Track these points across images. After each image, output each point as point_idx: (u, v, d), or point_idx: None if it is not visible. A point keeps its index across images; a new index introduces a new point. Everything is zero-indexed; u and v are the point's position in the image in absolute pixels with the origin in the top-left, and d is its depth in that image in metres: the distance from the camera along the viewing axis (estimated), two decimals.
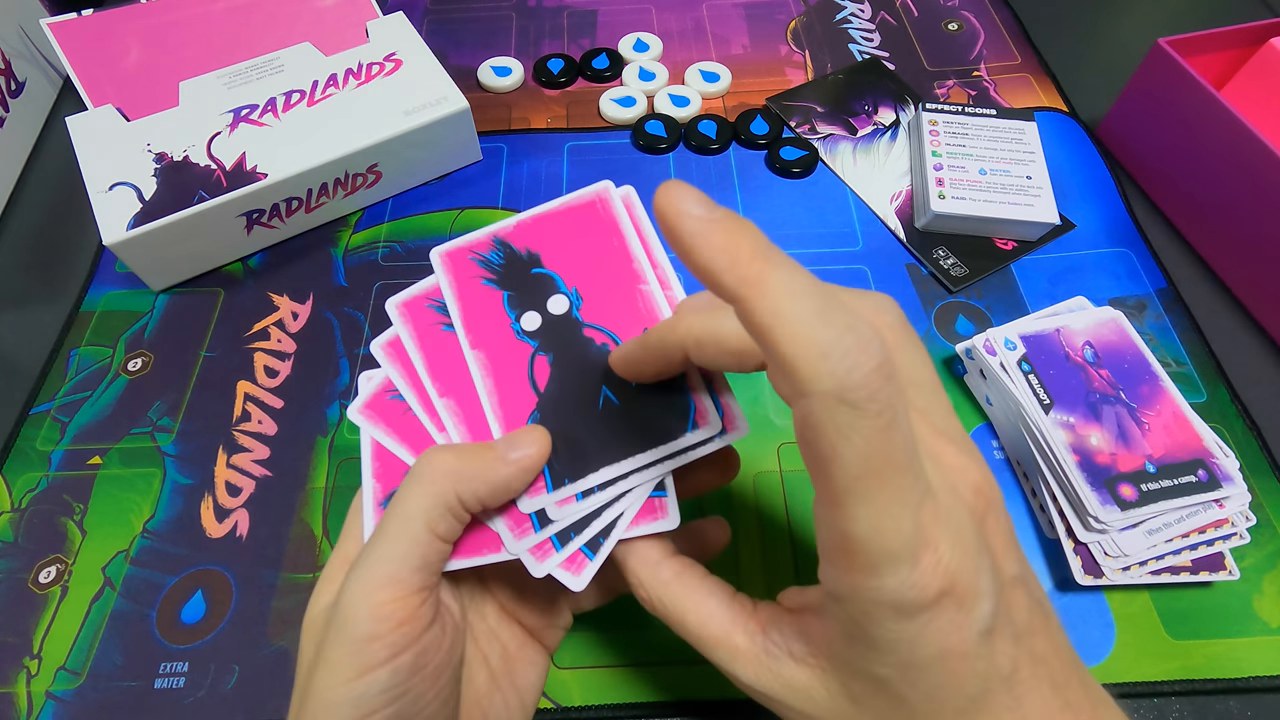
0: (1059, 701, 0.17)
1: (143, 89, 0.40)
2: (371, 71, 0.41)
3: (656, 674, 0.28)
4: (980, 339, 0.32)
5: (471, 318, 0.23)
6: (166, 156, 0.38)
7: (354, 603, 0.18)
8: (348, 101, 0.40)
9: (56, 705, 0.28)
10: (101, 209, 0.35)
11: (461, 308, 0.23)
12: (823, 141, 0.45)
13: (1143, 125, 0.42)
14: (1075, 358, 0.31)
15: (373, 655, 0.18)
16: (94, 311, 0.38)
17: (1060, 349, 0.31)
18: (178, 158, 0.38)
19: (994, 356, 0.31)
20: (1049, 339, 0.32)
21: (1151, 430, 0.29)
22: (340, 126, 0.39)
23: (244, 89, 0.40)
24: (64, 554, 0.31)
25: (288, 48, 0.42)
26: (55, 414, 0.35)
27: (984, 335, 0.32)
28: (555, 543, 0.21)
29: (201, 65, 0.41)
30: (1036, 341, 0.31)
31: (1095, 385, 0.30)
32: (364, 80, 0.41)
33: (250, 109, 0.40)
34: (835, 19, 0.53)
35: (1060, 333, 0.32)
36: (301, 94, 0.40)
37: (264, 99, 0.40)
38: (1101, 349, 0.31)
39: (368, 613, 0.18)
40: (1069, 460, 0.28)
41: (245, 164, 0.37)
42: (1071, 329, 0.32)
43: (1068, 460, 0.28)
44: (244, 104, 0.40)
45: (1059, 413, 0.30)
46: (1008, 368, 0.31)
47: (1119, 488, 0.28)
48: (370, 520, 0.22)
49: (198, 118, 0.39)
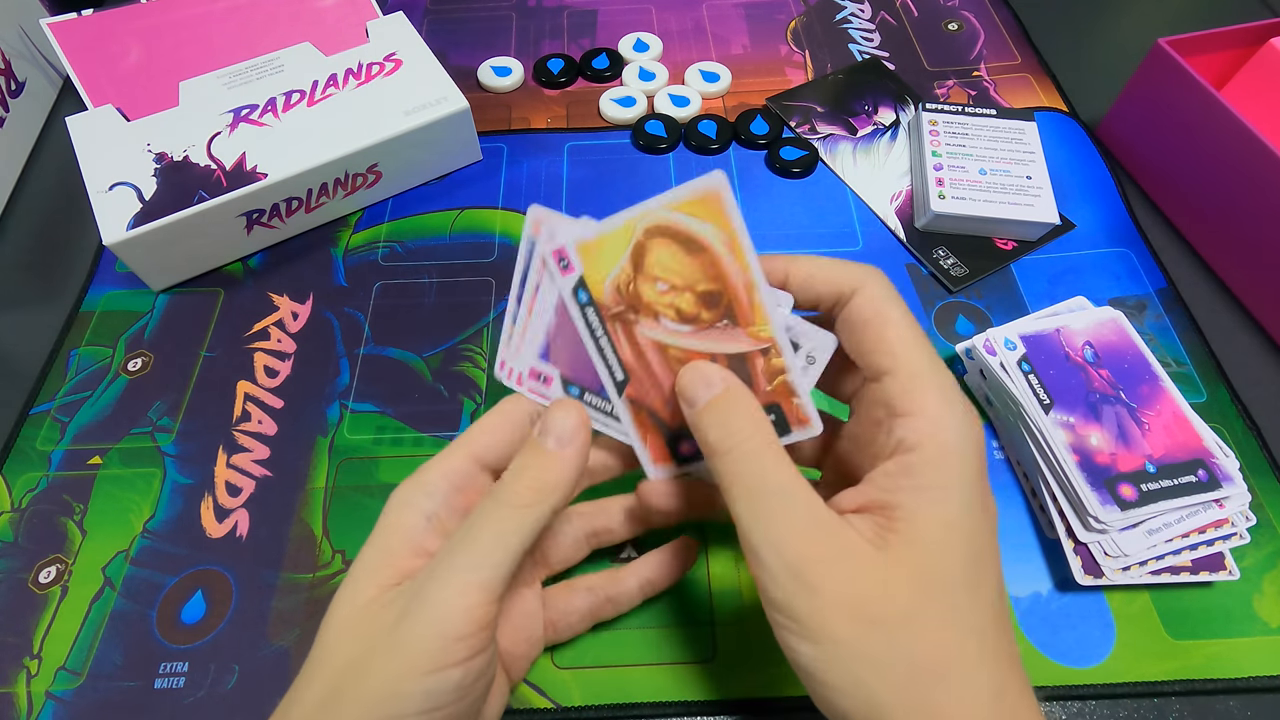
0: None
1: (143, 89, 0.40)
2: (371, 71, 0.41)
3: (656, 674, 0.28)
4: (980, 339, 0.32)
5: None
6: (166, 156, 0.38)
7: (448, 601, 0.19)
8: (348, 101, 0.40)
9: (56, 705, 0.28)
10: (101, 209, 0.35)
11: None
12: (823, 141, 0.45)
13: (1143, 125, 0.42)
14: (1075, 358, 0.31)
15: (455, 653, 0.19)
16: (94, 311, 0.38)
17: (1060, 349, 0.31)
18: (178, 158, 0.38)
19: (994, 356, 0.31)
20: (1049, 339, 0.32)
21: (1151, 430, 0.29)
22: (340, 126, 0.39)
23: (244, 89, 0.40)
24: (64, 554, 0.31)
25: (288, 48, 0.42)
26: (55, 414, 0.35)
27: (984, 335, 0.32)
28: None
29: (201, 65, 0.41)
30: (1036, 341, 0.31)
31: (1095, 385, 0.30)
32: (364, 80, 0.41)
33: (250, 109, 0.40)
34: (835, 19, 0.53)
35: (1060, 333, 0.32)
36: (301, 94, 0.40)
37: (264, 99, 0.40)
38: (1101, 349, 0.31)
39: (461, 613, 0.19)
40: (1069, 460, 0.28)
41: (245, 164, 0.37)
42: (1071, 329, 0.32)
43: (1068, 460, 0.28)
44: (244, 104, 0.40)
45: (1059, 413, 0.30)
46: (1008, 368, 0.31)
47: (1119, 488, 0.28)
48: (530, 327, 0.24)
49: (198, 118, 0.39)
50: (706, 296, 0.23)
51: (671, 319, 0.23)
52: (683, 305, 0.23)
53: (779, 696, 0.27)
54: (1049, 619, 0.29)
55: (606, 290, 0.23)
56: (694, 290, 0.23)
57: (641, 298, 0.23)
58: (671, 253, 0.22)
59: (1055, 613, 0.29)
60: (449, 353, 0.36)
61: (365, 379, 0.36)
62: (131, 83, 0.40)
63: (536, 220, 0.23)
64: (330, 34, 0.43)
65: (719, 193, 0.22)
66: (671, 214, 0.22)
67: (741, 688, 0.28)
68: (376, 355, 0.36)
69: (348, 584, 0.21)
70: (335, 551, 0.31)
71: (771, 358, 0.23)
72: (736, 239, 0.22)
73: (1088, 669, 0.28)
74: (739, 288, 0.22)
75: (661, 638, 0.29)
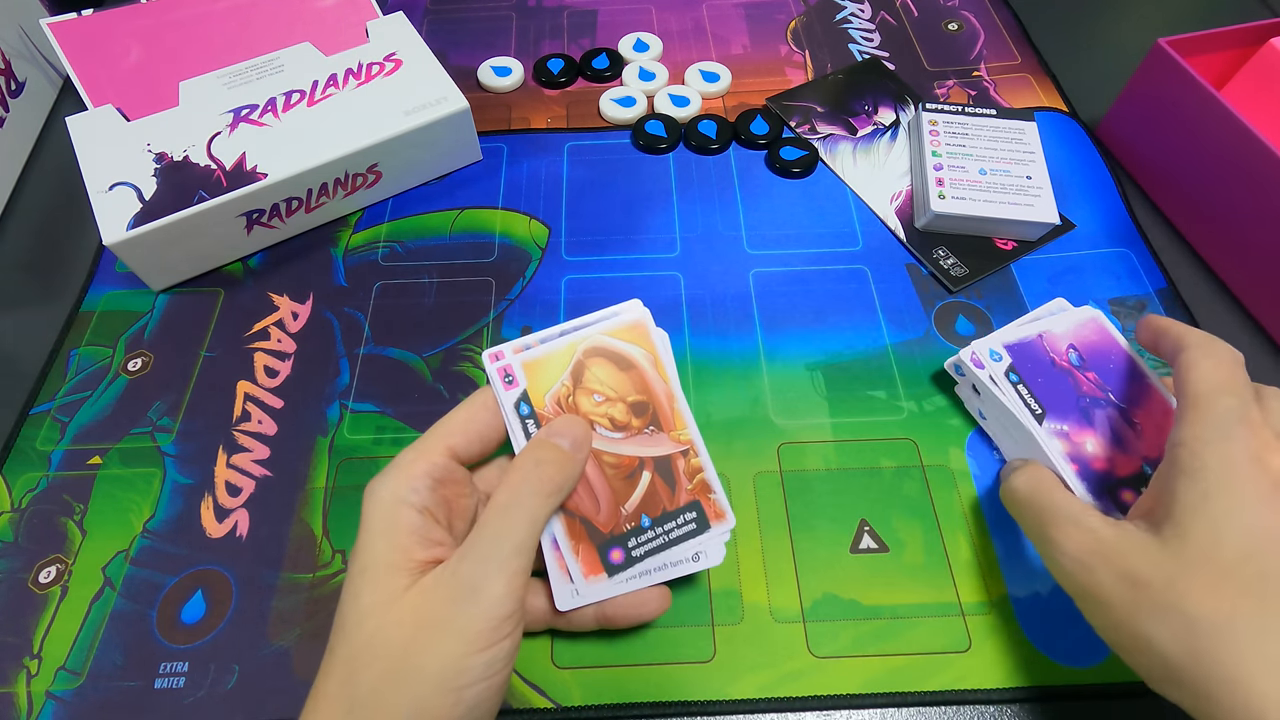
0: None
1: (143, 89, 0.40)
2: (371, 71, 0.41)
3: (656, 674, 0.28)
4: (967, 353, 0.31)
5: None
6: (166, 156, 0.38)
7: (500, 586, 0.22)
8: (348, 101, 0.40)
9: (56, 705, 0.28)
10: (101, 209, 0.35)
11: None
12: (823, 141, 0.45)
13: (1143, 125, 0.42)
14: (1061, 362, 0.31)
15: (505, 629, 0.22)
16: (94, 311, 0.38)
17: (1045, 355, 0.31)
18: (178, 158, 0.38)
19: (982, 370, 0.31)
20: (1033, 346, 0.31)
21: (1144, 431, 0.29)
22: (340, 126, 0.39)
23: (244, 89, 0.40)
24: (64, 554, 0.31)
25: (288, 48, 0.42)
26: (55, 414, 0.35)
27: (969, 349, 0.31)
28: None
29: (201, 65, 0.41)
30: (1021, 350, 0.31)
31: (1084, 389, 0.30)
32: (364, 80, 0.41)
33: (250, 109, 0.40)
34: (835, 19, 0.53)
35: (1043, 338, 0.31)
36: (301, 94, 0.40)
37: (264, 99, 0.40)
38: (1085, 350, 0.31)
39: (511, 594, 0.22)
40: (1068, 471, 0.28)
41: (245, 164, 0.37)
42: (1054, 333, 0.31)
43: (1067, 471, 0.28)
44: (244, 104, 0.40)
45: (1052, 421, 0.29)
46: (997, 380, 0.30)
47: (1120, 494, 0.28)
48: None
49: (198, 118, 0.39)
50: (636, 406, 0.27)
51: (606, 427, 0.26)
52: (616, 414, 0.27)
53: (779, 697, 0.27)
54: (1049, 619, 0.29)
55: (547, 404, 0.26)
56: (625, 401, 0.27)
57: (579, 408, 0.26)
58: (607, 370, 0.27)
59: (1055, 612, 0.29)
60: (449, 353, 0.36)
61: (365, 379, 0.36)
62: (131, 83, 0.40)
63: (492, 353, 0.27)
64: (330, 34, 0.43)
65: (643, 321, 0.27)
66: (606, 338, 0.27)
67: (741, 688, 0.28)
68: (376, 355, 0.36)
69: (362, 578, 0.22)
70: (335, 551, 0.31)
71: (690, 458, 0.27)
72: (658, 358, 0.27)
73: (1088, 669, 0.28)
74: (661, 397, 0.27)
75: (661, 638, 0.29)
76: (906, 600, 0.29)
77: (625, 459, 0.26)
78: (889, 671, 0.28)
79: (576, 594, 0.26)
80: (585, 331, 0.27)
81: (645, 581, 0.26)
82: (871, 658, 0.28)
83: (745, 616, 0.29)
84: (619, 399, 0.27)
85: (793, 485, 0.32)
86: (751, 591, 0.30)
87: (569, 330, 0.27)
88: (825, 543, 0.31)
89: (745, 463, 0.33)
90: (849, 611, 0.29)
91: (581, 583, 0.25)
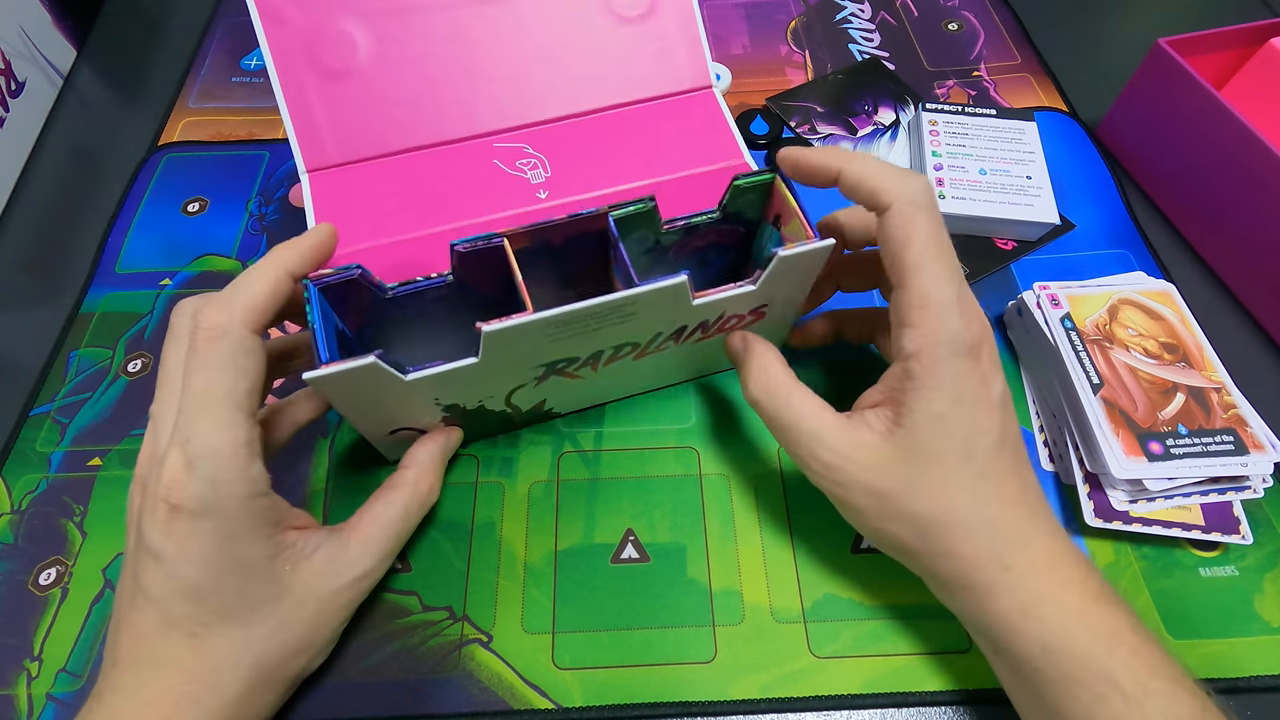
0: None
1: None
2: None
3: (657, 674, 0.28)
4: (1030, 296, 0.34)
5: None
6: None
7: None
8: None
9: (57, 707, 0.27)
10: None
11: None
12: (823, 141, 0.45)
13: (1143, 125, 0.42)
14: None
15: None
16: (94, 313, 0.38)
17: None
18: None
19: (1040, 311, 0.34)
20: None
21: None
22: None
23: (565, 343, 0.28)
24: (64, 556, 0.31)
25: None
26: (55, 415, 0.35)
27: (1034, 293, 0.34)
28: None
29: None
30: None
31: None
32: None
33: (567, 362, 0.29)
34: (835, 19, 0.53)
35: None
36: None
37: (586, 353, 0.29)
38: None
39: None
40: (1099, 412, 0.30)
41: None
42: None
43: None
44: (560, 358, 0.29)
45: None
46: (1050, 323, 0.33)
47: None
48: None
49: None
50: (1166, 345, 0.32)
51: (1140, 354, 0.32)
52: (1148, 346, 0.32)
53: (780, 697, 0.27)
54: None
55: (1087, 324, 0.33)
56: (1156, 340, 0.32)
57: (1114, 336, 0.32)
58: (1138, 315, 0.33)
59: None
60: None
61: None
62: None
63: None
64: None
65: (1170, 291, 0.34)
66: (1136, 294, 0.34)
67: (741, 688, 0.28)
68: None
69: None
70: None
71: (1223, 395, 0.31)
72: (1186, 321, 0.33)
73: None
74: (1190, 345, 0.32)
75: (661, 638, 0.29)
76: (907, 600, 0.29)
77: (1158, 379, 0.31)
78: (890, 671, 0.28)
79: (1120, 466, 0.29)
80: (1118, 287, 0.34)
81: (1186, 474, 0.29)
82: (872, 658, 0.28)
83: (746, 617, 0.29)
84: (1151, 336, 0.32)
85: (793, 485, 0.32)
86: (752, 592, 0.30)
87: (1104, 284, 0.34)
88: (826, 543, 0.31)
89: (746, 463, 0.33)
90: (850, 612, 0.29)
91: (1121, 459, 0.29)
